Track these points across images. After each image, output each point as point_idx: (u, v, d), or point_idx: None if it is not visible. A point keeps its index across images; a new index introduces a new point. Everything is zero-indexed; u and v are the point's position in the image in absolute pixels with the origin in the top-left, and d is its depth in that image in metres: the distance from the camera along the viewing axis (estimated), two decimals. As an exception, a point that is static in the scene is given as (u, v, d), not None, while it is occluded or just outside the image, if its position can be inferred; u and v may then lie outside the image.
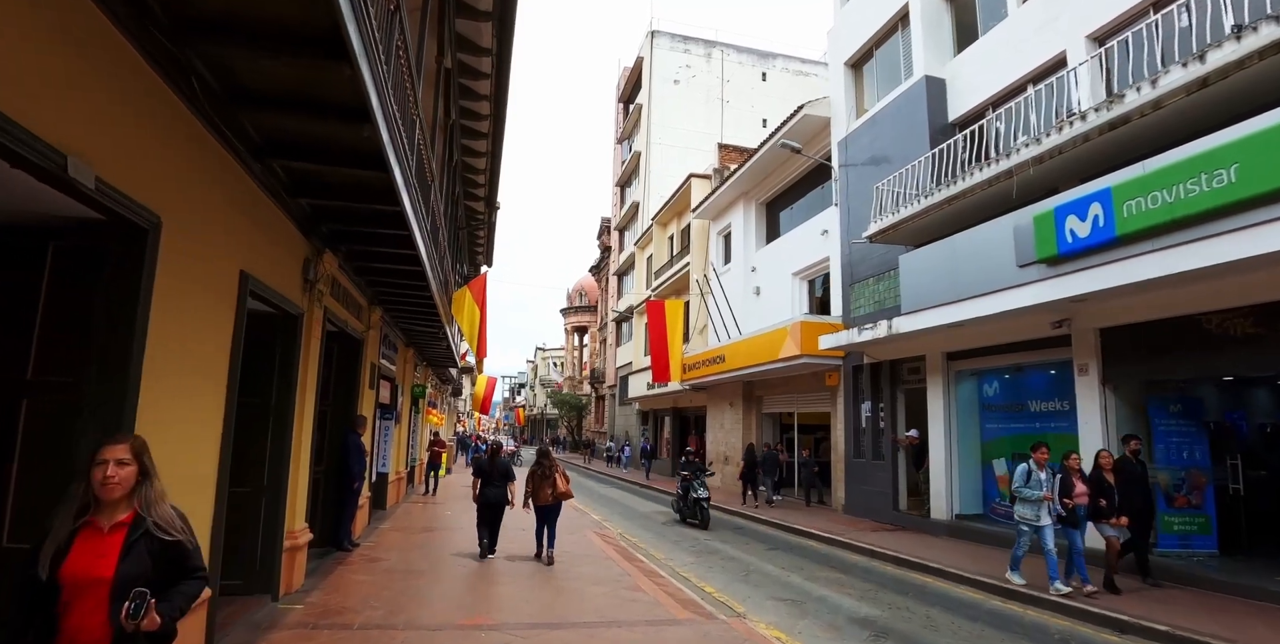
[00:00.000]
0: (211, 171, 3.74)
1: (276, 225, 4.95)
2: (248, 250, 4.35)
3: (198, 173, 3.56)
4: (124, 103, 2.82)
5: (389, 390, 11.36)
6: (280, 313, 5.38)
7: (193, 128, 3.45)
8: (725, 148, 23.68)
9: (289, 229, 5.21)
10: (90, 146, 2.54)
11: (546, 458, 7.99)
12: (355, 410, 8.20)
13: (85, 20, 2.53)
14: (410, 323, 10.95)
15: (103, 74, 2.66)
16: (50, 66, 2.36)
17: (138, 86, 2.92)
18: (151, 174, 3.06)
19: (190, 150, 3.46)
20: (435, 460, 14.85)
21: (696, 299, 22.15)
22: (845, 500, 13.48)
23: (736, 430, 18.81)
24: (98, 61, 2.62)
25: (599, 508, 14.58)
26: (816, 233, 15.66)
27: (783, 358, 14.05)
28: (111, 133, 2.74)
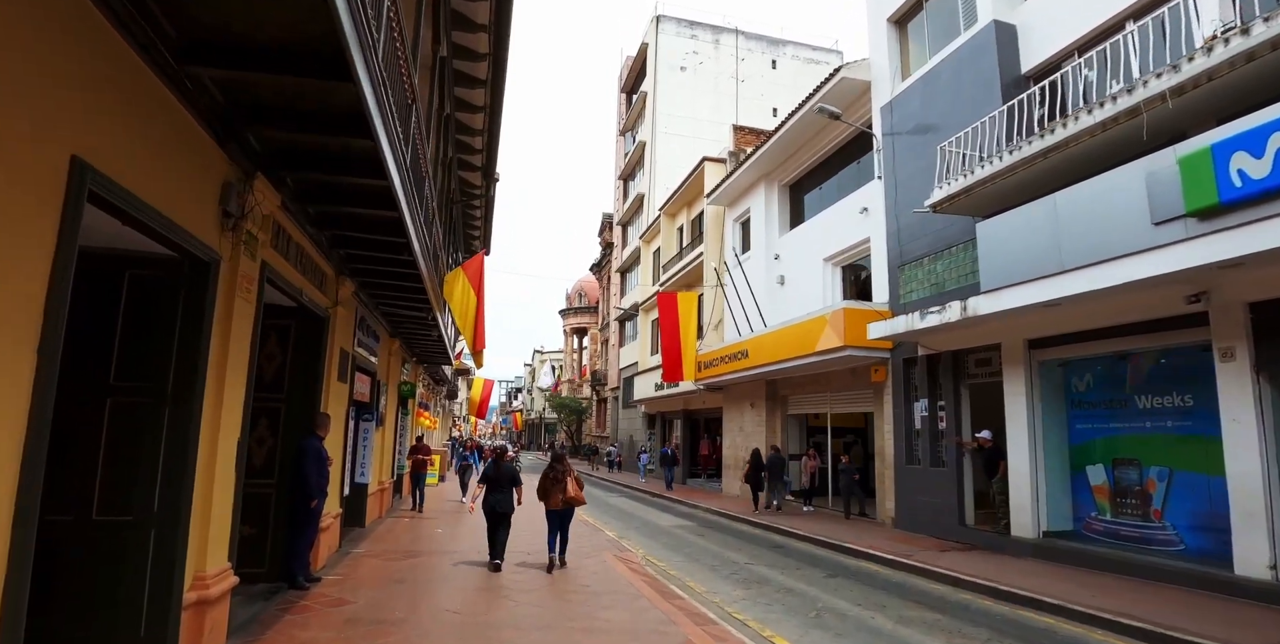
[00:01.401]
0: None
1: (163, 114, 3.22)
2: (89, 132, 2.62)
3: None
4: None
5: (369, 386, 9.60)
6: (180, 255, 3.65)
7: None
8: (741, 129, 22.09)
9: (189, 125, 3.48)
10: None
11: (560, 462, 7.74)
12: (318, 408, 6.44)
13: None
14: (393, 305, 9.20)
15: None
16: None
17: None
18: None
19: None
20: (420, 470, 12.53)
21: (711, 292, 20.45)
22: (896, 513, 11.74)
23: (758, 433, 17.06)
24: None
25: (613, 522, 12.81)
26: (853, 212, 13.99)
27: (821, 351, 12.34)
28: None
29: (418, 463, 12.59)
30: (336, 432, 7.61)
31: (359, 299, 8.17)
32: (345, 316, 7.43)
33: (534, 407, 68.89)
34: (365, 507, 9.74)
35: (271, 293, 5.58)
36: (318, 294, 6.34)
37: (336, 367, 7.17)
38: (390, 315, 9.96)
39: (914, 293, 11.60)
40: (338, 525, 7.78)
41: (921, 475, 11.21)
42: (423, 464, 12.60)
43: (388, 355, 11.27)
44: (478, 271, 11.20)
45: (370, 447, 9.68)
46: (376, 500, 11.01)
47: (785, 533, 11.50)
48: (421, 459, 12.60)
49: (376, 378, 10.03)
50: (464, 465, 14.05)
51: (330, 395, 6.91)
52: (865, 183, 13.85)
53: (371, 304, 8.99)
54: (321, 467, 5.97)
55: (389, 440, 12.23)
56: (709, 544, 10.39)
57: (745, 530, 12.10)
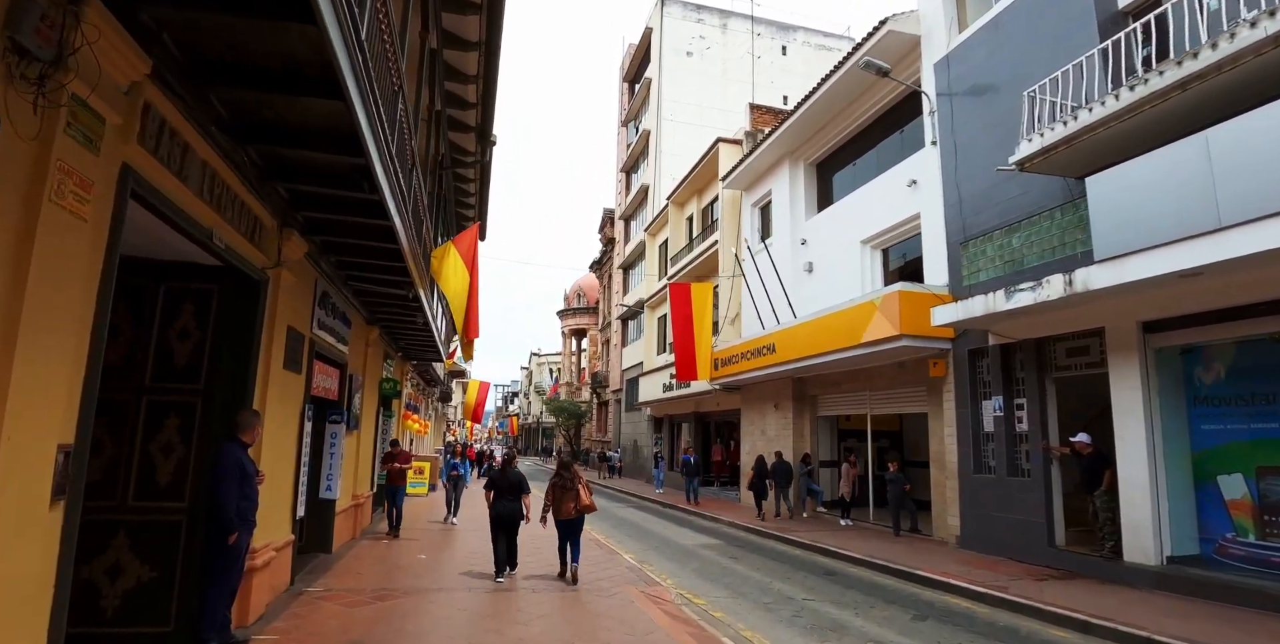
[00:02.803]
0: None
1: None
2: None
3: None
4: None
5: (337, 380, 7.85)
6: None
7: None
8: (758, 108, 20.49)
9: None
10: None
11: (568, 469, 7.37)
12: (247, 403, 4.70)
13: None
14: (365, 277, 7.46)
15: None
16: None
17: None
18: None
19: None
20: (396, 482, 10.08)
21: (727, 284, 18.77)
22: (961, 530, 10.02)
23: (784, 438, 15.34)
24: None
25: (628, 541, 11.05)
26: (898, 186, 12.33)
27: (871, 342, 10.64)
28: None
29: (394, 473, 10.15)
30: (287, 436, 5.86)
31: (318, 268, 6.43)
32: (296, 286, 5.69)
33: (530, 411, 67.03)
34: (332, 528, 7.97)
35: (171, 239, 3.86)
36: (248, 246, 4.60)
37: (283, 349, 5.43)
38: (364, 294, 8.21)
39: (982, 272, 9.92)
40: (286, 557, 6.01)
41: (995, 487, 9.50)
42: (400, 474, 10.19)
43: (364, 346, 9.52)
44: (470, 247, 9.52)
45: (340, 454, 7.93)
46: (349, 519, 9.23)
47: (833, 554, 9.77)
48: (399, 468, 10.16)
49: (348, 371, 8.28)
50: (454, 476, 11.68)
51: (271, 388, 5.17)
52: (912, 152, 12.21)
53: (338, 277, 7.25)
54: (241, 484, 4.22)
55: (367, 446, 10.46)
56: (749, 570, 8.65)
57: (784, 551, 10.37)
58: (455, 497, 11.63)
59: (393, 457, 10.46)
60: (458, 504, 11.63)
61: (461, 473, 11.78)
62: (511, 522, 7.17)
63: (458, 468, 11.79)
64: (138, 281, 4.52)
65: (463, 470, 11.95)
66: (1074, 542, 8.76)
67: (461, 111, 9.61)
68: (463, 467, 12.07)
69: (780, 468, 13.72)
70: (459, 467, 11.83)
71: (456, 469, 11.71)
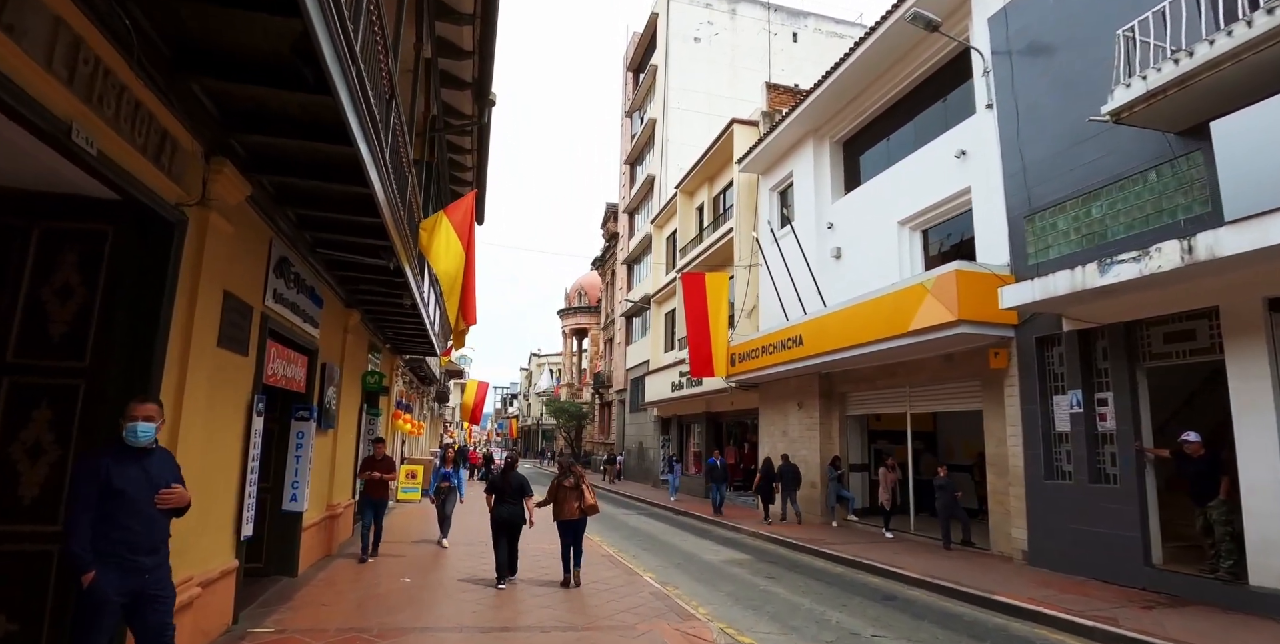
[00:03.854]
0: None
1: None
2: None
3: None
4: None
5: (304, 369, 6.56)
6: None
7: None
8: (775, 88, 19.26)
9: None
10: None
11: (572, 470, 7.23)
12: (151, 389, 3.41)
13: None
14: (336, 244, 6.17)
15: None
16: None
17: None
18: None
19: None
20: (376, 492, 8.13)
21: (743, 275, 17.50)
22: (1030, 545, 8.73)
23: (809, 440, 14.05)
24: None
25: (645, 556, 9.75)
26: (942, 159, 11.08)
27: (921, 329, 9.36)
28: None
29: (373, 484, 8.10)
30: (225, 434, 4.57)
31: (273, 223, 5.15)
32: (238, 241, 4.41)
33: (530, 412, 65.71)
34: (298, 546, 6.64)
35: (46, 157, 2.58)
36: (151, 171, 3.32)
37: (216, 321, 4.15)
38: (338, 266, 6.92)
39: (1054, 248, 8.64)
40: (224, 590, 4.70)
41: (1072, 495, 8.21)
42: (380, 486, 8.13)
43: (341, 332, 8.23)
44: (466, 219, 8.26)
45: (308, 456, 6.63)
46: (321, 534, 7.89)
47: (884, 573, 8.47)
48: (379, 478, 8.09)
49: (320, 359, 6.99)
50: (444, 488, 9.39)
51: (197, 370, 3.89)
52: (960, 121, 10.96)
53: (302, 242, 5.97)
54: (109, 505, 2.89)
55: (348, 448, 9.16)
56: (793, 594, 7.35)
57: (824, 568, 9.07)
58: (447, 513, 9.52)
59: (373, 462, 8.29)
60: (448, 521, 9.54)
61: (454, 483, 9.48)
62: (514, 525, 7.01)
63: (449, 477, 9.42)
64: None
65: (455, 480, 9.52)
66: (1172, 559, 7.48)
67: (456, 62, 8.33)
68: (455, 476, 9.48)
69: (788, 470, 13.26)
70: (450, 476, 9.43)
71: (448, 479, 9.40)
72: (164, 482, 3.12)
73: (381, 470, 8.21)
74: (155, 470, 3.11)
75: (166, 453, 3.29)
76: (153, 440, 3.12)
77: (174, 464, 3.27)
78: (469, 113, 9.50)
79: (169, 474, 3.18)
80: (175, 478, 3.20)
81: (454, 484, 9.47)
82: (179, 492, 3.16)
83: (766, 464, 14.08)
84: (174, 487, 3.15)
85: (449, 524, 9.54)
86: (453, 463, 9.69)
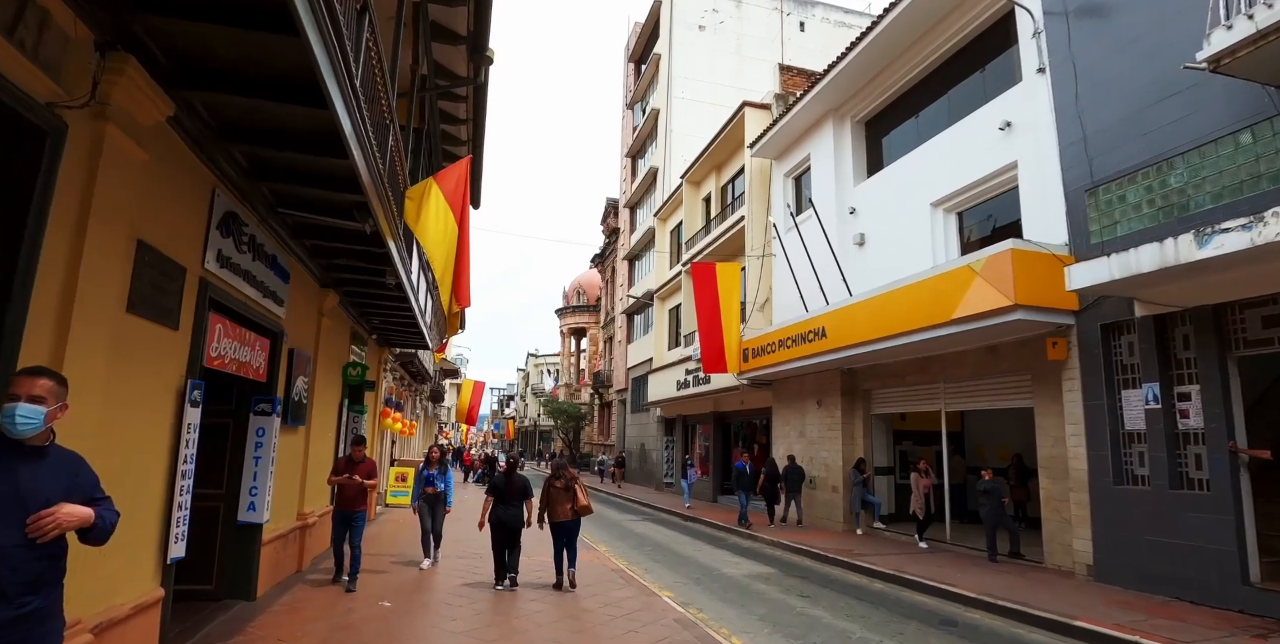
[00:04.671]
0: None
1: None
2: None
3: None
4: None
5: (265, 354, 5.52)
6: None
7: None
8: (789, 70, 18.31)
9: None
10: None
11: (564, 470, 7.12)
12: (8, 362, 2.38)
13: None
14: (298, 198, 5.14)
15: None
16: None
17: None
18: None
19: None
20: (351, 503, 6.57)
21: (755, 266, 16.50)
22: (1096, 558, 7.73)
23: (829, 441, 13.06)
24: None
25: (658, 569, 8.72)
26: (983, 133, 10.12)
27: (969, 316, 8.37)
28: None
29: (348, 493, 6.57)
30: (142, 426, 3.55)
31: (213, 166, 4.13)
32: (156, 175, 3.41)
33: (527, 414, 64.63)
34: (256, 565, 5.58)
35: None
36: (7, 52, 2.30)
37: (125, 276, 3.14)
38: (306, 232, 5.89)
39: (1122, 224, 7.64)
40: (145, 628, 3.66)
41: (1148, 502, 7.22)
42: (357, 497, 6.57)
43: (315, 315, 7.20)
44: (459, 186, 7.26)
45: (268, 458, 5.60)
46: (288, 549, 6.80)
47: (934, 591, 7.46)
48: (358, 485, 6.56)
49: (285, 343, 5.96)
50: (429, 496, 7.82)
51: (86, 338, 2.86)
52: (1002, 90, 10.00)
53: (260, 199, 4.94)
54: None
55: (324, 447, 8.11)
56: (837, 619, 6.34)
57: (862, 584, 8.06)
58: (434, 527, 7.94)
59: (352, 464, 6.68)
60: (438, 537, 8.07)
61: (442, 489, 7.85)
62: (515, 528, 6.90)
63: (434, 482, 7.80)
64: None
65: (443, 485, 7.87)
66: (1269, 577, 6.49)
67: (448, 9, 7.32)
68: (442, 480, 7.86)
69: (792, 472, 13.02)
70: (435, 480, 7.82)
71: (433, 484, 7.80)
72: (44, 497, 2.07)
73: (360, 474, 6.62)
74: (37, 481, 2.08)
75: (73, 458, 2.25)
76: (40, 431, 2.10)
77: (78, 471, 2.24)
78: (463, 73, 8.50)
79: (61, 485, 2.14)
80: (73, 490, 2.17)
81: (442, 489, 7.82)
82: (61, 513, 2.06)
83: (770, 465, 13.75)
84: (61, 505, 2.08)
85: (439, 541, 8.15)
86: (439, 464, 8.01)
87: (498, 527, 6.83)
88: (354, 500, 6.63)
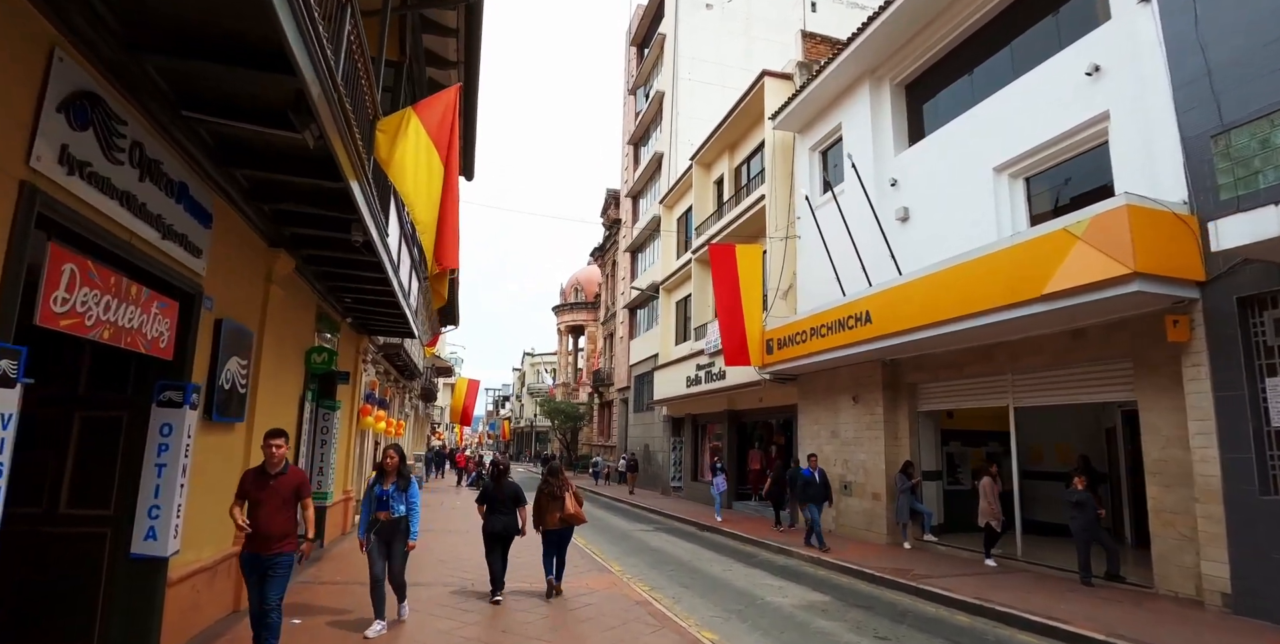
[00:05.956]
0: None
1: None
2: None
3: None
4: None
5: (170, 322, 3.97)
6: None
7: None
8: (812, 37, 16.86)
9: None
10: None
11: (555, 476, 6.84)
12: None
13: None
14: (201, 92, 3.59)
15: None
16: None
17: None
18: None
19: None
20: (264, 544, 4.05)
21: (777, 249, 15.01)
22: (1234, 586, 6.25)
23: (868, 441, 11.56)
24: None
25: (690, 599, 7.19)
26: (1062, 82, 8.69)
27: (1069, 290, 6.88)
28: None
29: (261, 530, 4.05)
30: None
31: (70, 31, 2.59)
32: None
33: (523, 414, 63.02)
34: (158, 613, 3.99)
35: None
36: None
37: None
38: (235, 154, 4.32)
39: (1264, 173, 6.17)
40: None
41: (1313, 518, 5.75)
42: (271, 535, 4.08)
43: (261, 280, 5.65)
44: (446, 119, 5.77)
45: (178, 466, 4.06)
46: (211, 588, 5.04)
47: (1041, 629, 5.96)
48: (271, 511, 4.09)
49: (201, 307, 4.41)
50: (380, 522, 5.33)
51: None
52: (1085, 32, 8.55)
53: (144, 85, 3.40)
54: None
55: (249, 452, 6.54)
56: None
57: (946, 618, 6.56)
58: (392, 572, 5.36)
59: (264, 478, 4.16)
60: (400, 588, 5.51)
61: (401, 513, 5.37)
62: (507, 536, 6.59)
63: (388, 503, 5.32)
64: None
65: (403, 508, 5.38)
66: None
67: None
68: (401, 500, 5.39)
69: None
70: (392, 501, 5.34)
71: (387, 508, 5.31)
72: None
73: (268, 503, 4.06)
74: None
75: None
76: None
77: None
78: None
79: None
80: None
81: (398, 514, 5.31)
82: None
83: (778, 469, 13.27)
84: None
85: (404, 594, 5.58)
86: (395, 476, 5.44)
87: (490, 536, 6.52)
88: (266, 540, 4.04)
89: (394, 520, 5.36)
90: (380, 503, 5.37)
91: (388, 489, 5.42)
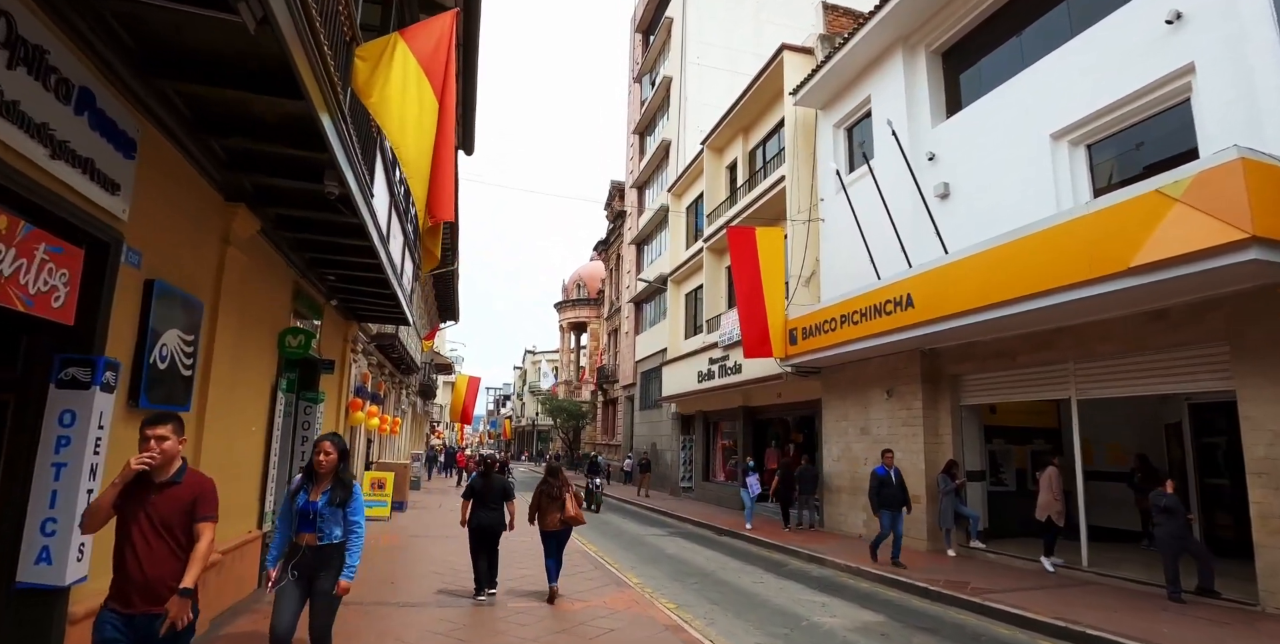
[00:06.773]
0: None
1: None
2: None
3: None
4: None
5: (69, 275, 2.99)
6: None
7: None
8: (834, 9, 15.82)
9: None
10: None
11: (555, 477, 6.65)
12: None
13: None
14: None
15: None
16: None
17: None
18: None
19: None
20: (147, 594, 2.51)
21: (799, 233, 14.04)
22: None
23: (905, 438, 10.58)
24: None
25: (723, 618, 6.20)
26: (1131, 37, 7.73)
27: (1168, 259, 5.91)
28: None
29: (137, 573, 2.55)
30: None
31: None
32: None
33: (525, 412, 62.08)
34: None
35: None
36: None
37: None
38: (158, 59, 3.34)
39: None
40: None
41: None
42: (160, 577, 2.55)
43: (217, 241, 4.67)
44: (440, 49, 4.81)
45: (84, 465, 3.09)
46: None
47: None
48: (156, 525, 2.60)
49: (121, 259, 3.45)
50: (301, 547, 3.56)
51: None
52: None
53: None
54: None
55: (243, 448, 5.57)
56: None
57: (1026, 642, 5.59)
58: (312, 624, 3.61)
59: (144, 490, 2.63)
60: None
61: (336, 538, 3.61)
62: (493, 533, 6.39)
63: (316, 520, 3.58)
64: None
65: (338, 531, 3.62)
66: None
67: None
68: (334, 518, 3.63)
69: (807, 473, 12.41)
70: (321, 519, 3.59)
71: (312, 527, 3.58)
72: None
73: (143, 528, 2.60)
74: None
75: None
76: None
77: None
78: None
79: None
80: None
81: (331, 540, 3.61)
82: None
83: (784, 468, 13.17)
84: None
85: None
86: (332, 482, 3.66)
87: (475, 532, 6.36)
88: (149, 582, 2.56)
89: (322, 549, 3.58)
90: (305, 521, 3.57)
91: (316, 502, 3.59)
